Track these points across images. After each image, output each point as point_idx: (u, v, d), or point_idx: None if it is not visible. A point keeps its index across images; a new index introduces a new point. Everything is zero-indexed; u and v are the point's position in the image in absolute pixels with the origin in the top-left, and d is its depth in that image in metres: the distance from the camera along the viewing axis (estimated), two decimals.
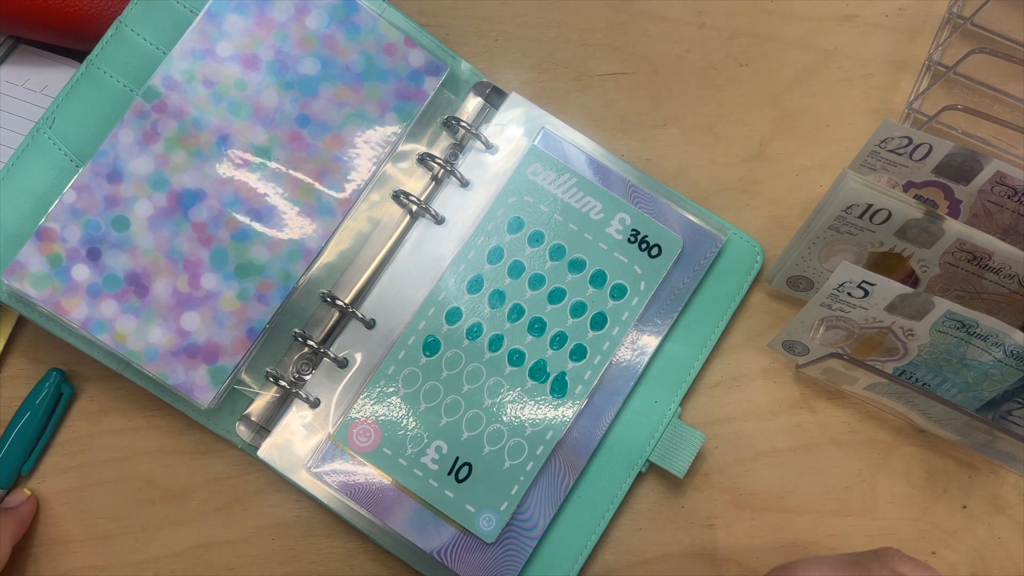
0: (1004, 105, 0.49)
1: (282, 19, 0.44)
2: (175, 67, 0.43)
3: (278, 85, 0.43)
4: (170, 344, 0.42)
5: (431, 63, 0.45)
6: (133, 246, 0.42)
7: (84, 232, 0.42)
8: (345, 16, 0.44)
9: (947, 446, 0.46)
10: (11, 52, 0.47)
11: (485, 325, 0.44)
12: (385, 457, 0.42)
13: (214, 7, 0.43)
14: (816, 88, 0.50)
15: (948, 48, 0.50)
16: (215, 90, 0.43)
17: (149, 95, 0.42)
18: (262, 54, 0.43)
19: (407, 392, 0.43)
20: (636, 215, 0.45)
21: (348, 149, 0.44)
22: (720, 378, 0.46)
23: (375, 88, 0.44)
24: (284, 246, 0.43)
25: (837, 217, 0.41)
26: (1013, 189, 0.41)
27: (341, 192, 0.44)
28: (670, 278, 0.45)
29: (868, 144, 0.42)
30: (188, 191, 0.42)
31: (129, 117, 0.42)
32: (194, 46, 0.43)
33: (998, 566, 0.45)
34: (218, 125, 0.43)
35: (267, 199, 0.43)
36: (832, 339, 0.43)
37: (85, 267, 0.41)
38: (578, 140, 0.46)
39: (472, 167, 0.46)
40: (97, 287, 0.42)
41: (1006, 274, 0.40)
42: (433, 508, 0.42)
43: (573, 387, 0.43)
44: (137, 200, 0.42)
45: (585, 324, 0.44)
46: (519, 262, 0.44)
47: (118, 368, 0.43)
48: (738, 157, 0.49)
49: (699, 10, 0.51)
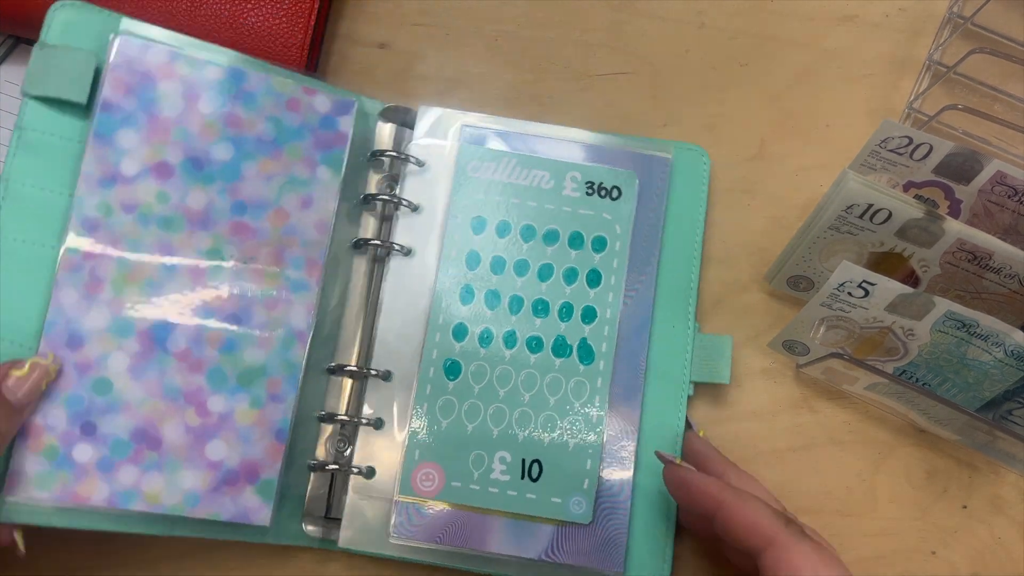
0: (1004, 105, 0.49)
1: (175, 115, 0.41)
2: (87, 205, 0.39)
3: (200, 183, 0.41)
4: (206, 482, 0.39)
5: (337, 103, 0.43)
6: (125, 403, 0.39)
7: (69, 411, 0.38)
8: (236, 88, 0.41)
9: (947, 446, 0.46)
10: (11, 52, 0.47)
11: (493, 328, 0.44)
12: (456, 490, 0.42)
13: (99, 128, 0.39)
14: (816, 88, 0.50)
15: (948, 48, 0.50)
16: (139, 213, 0.40)
17: (74, 244, 0.39)
18: (171, 158, 0.40)
19: (449, 421, 0.43)
20: (583, 168, 0.45)
21: (294, 218, 0.42)
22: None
23: (295, 148, 0.42)
24: (275, 338, 0.41)
25: (837, 217, 0.41)
26: (1013, 189, 0.41)
27: (306, 263, 0.42)
28: (640, 212, 0.45)
29: (868, 144, 0.42)
30: (157, 324, 0.39)
31: (63, 276, 0.38)
32: (98, 176, 0.39)
33: (998, 566, 0.45)
34: (157, 246, 0.40)
35: (238, 300, 0.41)
36: (832, 339, 0.43)
37: (86, 445, 0.38)
38: (501, 123, 0.46)
39: (415, 190, 0.45)
40: (107, 460, 0.38)
41: (1006, 274, 0.40)
42: (523, 516, 0.42)
43: (598, 347, 0.44)
44: (109, 356, 0.39)
45: (583, 287, 0.44)
46: (497, 257, 0.44)
47: (164, 531, 0.40)
48: (738, 157, 0.49)
49: (699, 10, 0.51)
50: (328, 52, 0.50)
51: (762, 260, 0.48)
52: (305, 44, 0.46)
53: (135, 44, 0.41)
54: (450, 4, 0.51)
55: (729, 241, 0.48)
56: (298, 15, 0.46)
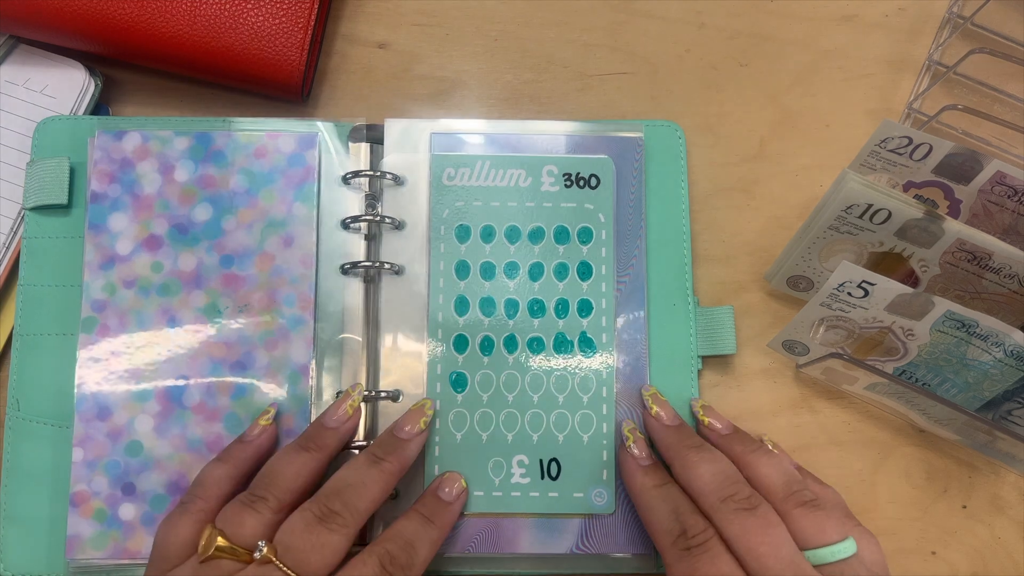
0: (1004, 105, 0.49)
1: (155, 190, 0.44)
2: (94, 289, 0.43)
3: (187, 246, 0.44)
4: None
5: (301, 139, 0.45)
6: (156, 460, 0.42)
7: (109, 475, 0.42)
8: (205, 151, 0.44)
9: (947, 446, 0.46)
10: (11, 52, 0.47)
11: (492, 334, 0.44)
12: (480, 499, 0.42)
13: (93, 219, 0.44)
14: (816, 88, 0.50)
15: (948, 48, 0.50)
16: (139, 286, 0.43)
17: (88, 327, 0.43)
18: (158, 229, 0.44)
19: (463, 433, 0.43)
20: (559, 160, 0.45)
21: (279, 259, 0.44)
22: (720, 378, 0.46)
23: (269, 194, 0.44)
24: (281, 376, 0.43)
25: (837, 217, 0.41)
26: (1013, 189, 0.41)
27: (298, 299, 0.43)
28: (620, 196, 0.45)
29: (868, 144, 0.42)
30: (171, 387, 0.42)
31: (83, 357, 0.42)
32: (99, 261, 0.43)
33: (998, 566, 0.45)
34: (159, 314, 0.43)
35: (240, 347, 0.43)
36: (832, 339, 0.43)
37: (129, 504, 0.41)
38: (470, 126, 0.46)
39: (396, 207, 0.45)
40: (149, 515, 0.41)
41: (1006, 274, 0.40)
42: (548, 514, 0.42)
43: (598, 339, 0.44)
44: (135, 420, 0.42)
45: (575, 281, 0.44)
46: (487, 263, 0.44)
47: None
48: (738, 157, 0.49)
49: (699, 10, 0.51)
50: (328, 52, 0.50)
51: (762, 260, 0.48)
52: (305, 44, 0.46)
53: (110, 137, 0.44)
54: (450, 4, 0.51)
55: (729, 241, 0.48)
56: (298, 15, 0.46)
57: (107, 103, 0.48)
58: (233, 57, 0.45)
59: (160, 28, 0.45)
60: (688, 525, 0.37)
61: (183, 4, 0.45)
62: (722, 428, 0.42)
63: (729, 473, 0.38)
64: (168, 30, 0.45)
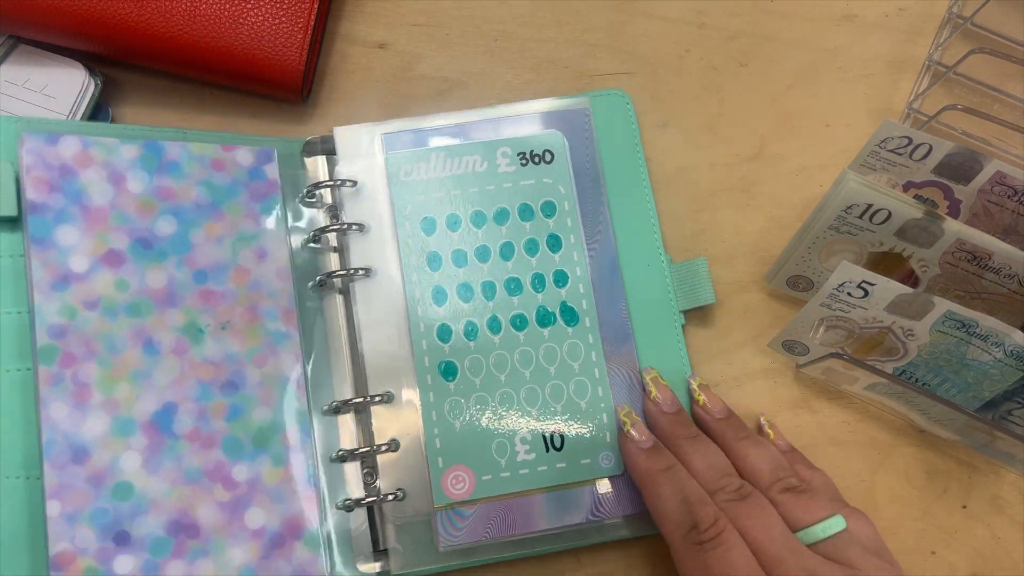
0: (1004, 105, 0.49)
1: (107, 201, 0.40)
2: (48, 313, 0.37)
3: (155, 261, 0.40)
4: (256, 552, 0.38)
5: (259, 153, 0.43)
6: (151, 500, 0.37)
7: (96, 527, 0.36)
8: (158, 161, 0.41)
9: (947, 446, 0.46)
10: (11, 52, 0.47)
11: (474, 319, 0.44)
12: (489, 483, 0.42)
13: (35, 232, 0.38)
14: (816, 88, 0.50)
15: (948, 48, 0.50)
16: (103, 307, 0.38)
17: (47, 357, 0.37)
18: (118, 244, 0.39)
19: (462, 421, 0.43)
20: (511, 141, 0.46)
21: (255, 273, 0.42)
22: (720, 378, 0.46)
23: (234, 206, 0.42)
24: (274, 392, 0.41)
25: (837, 217, 0.41)
26: (1013, 189, 0.41)
27: (280, 312, 0.42)
28: (576, 166, 0.46)
29: (868, 144, 0.42)
30: (157, 413, 0.38)
31: (45, 392, 0.37)
32: (49, 280, 0.38)
33: (998, 566, 0.45)
34: (132, 336, 0.39)
35: (228, 365, 0.40)
36: (832, 339, 0.43)
37: (124, 555, 0.36)
38: (418, 123, 0.46)
39: (357, 212, 0.45)
40: (151, 563, 0.37)
41: (1006, 274, 0.40)
42: (559, 486, 0.42)
43: (579, 306, 0.44)
44: (119, 458, 0.37)
45: (547, 254, 0.45)
46: (457, 251, 0.44)
47: None
48: (738, 157, 0.49)
49: (699, 10, 0.51)
50: (328, 52, 0.50)
51: (762, 260, 0.48)
52: (305, 44, 0.46)
53: (42, 140, 0.39)
54: (450, 4, 0.51)
55: (729, 241, 0.48)
56: (298, 15, 0.46)
57: (107, 103, 0.48)
58: (233, 57, 0.45)
59: (160, 28, 0.45)
60: (699, 518, 0.37)
61: (183, 4, 0.45)
62: (716, 412, 0.42)
63: (721, 466, 0.39)
64: (168, 30, 0.45)
